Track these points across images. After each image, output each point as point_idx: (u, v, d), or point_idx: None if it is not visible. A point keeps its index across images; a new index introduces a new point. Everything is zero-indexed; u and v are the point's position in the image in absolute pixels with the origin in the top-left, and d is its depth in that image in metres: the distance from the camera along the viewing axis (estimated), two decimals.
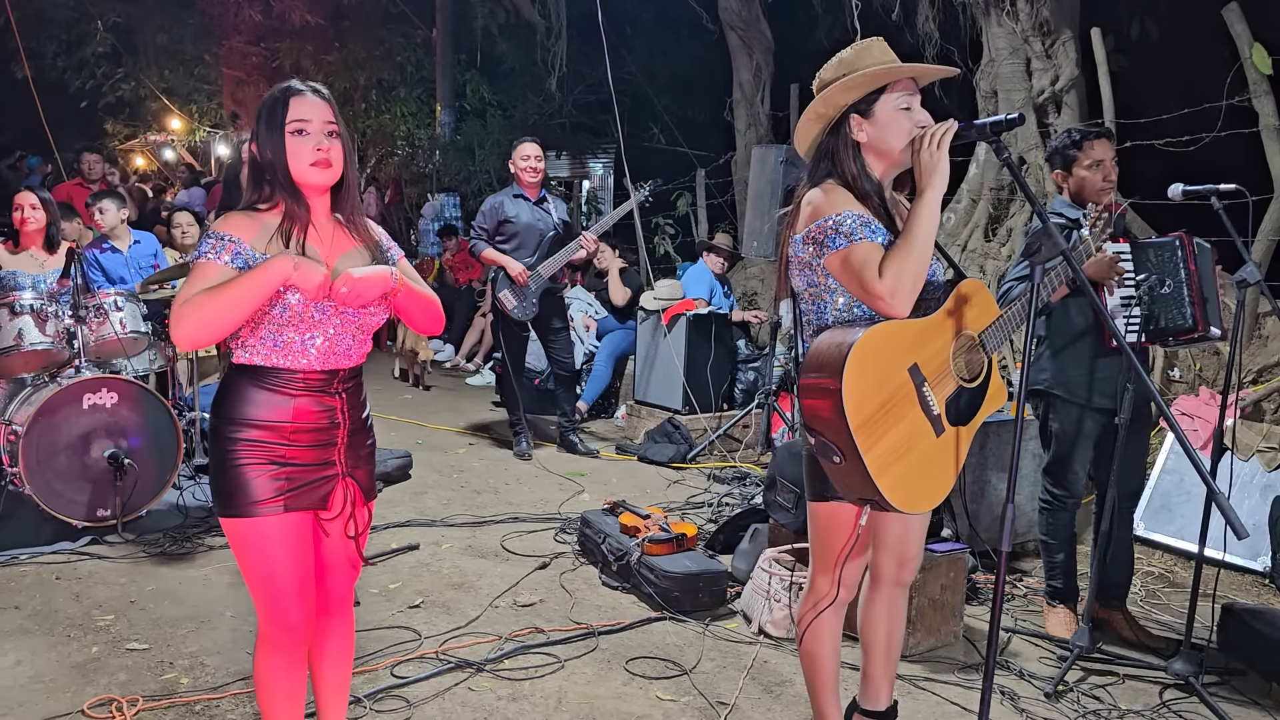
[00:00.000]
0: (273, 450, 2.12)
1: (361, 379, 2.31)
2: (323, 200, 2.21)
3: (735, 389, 6.88)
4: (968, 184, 7.34)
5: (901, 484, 2.14)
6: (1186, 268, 3.20)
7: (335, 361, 2.18)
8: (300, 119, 2.12)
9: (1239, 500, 4.55)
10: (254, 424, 2.11)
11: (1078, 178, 3.46)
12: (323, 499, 2.21)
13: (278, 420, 2.12)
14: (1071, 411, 3.48)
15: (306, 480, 2.16)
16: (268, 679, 2.24)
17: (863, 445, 2.08)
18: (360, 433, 2.28)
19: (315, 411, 2.16)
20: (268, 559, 2.15)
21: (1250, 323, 5.41)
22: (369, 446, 2.33)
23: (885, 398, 2.14)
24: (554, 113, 12.80)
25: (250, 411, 2.11)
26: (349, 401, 2.23)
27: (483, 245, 5.98)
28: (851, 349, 2.09)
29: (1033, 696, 3.16)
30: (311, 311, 2.11)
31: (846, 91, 2.28)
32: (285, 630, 2.19)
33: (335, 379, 2.19)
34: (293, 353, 2.13)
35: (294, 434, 2.14)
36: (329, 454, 2.20)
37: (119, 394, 4.35)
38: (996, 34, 7.03)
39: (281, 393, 2.13)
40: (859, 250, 2.17)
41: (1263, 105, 5.49)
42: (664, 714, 2.97)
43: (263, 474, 2.11)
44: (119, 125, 15.96)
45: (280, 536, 2.14)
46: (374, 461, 2.36)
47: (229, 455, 2.11)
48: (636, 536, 3.95)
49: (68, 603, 3.63)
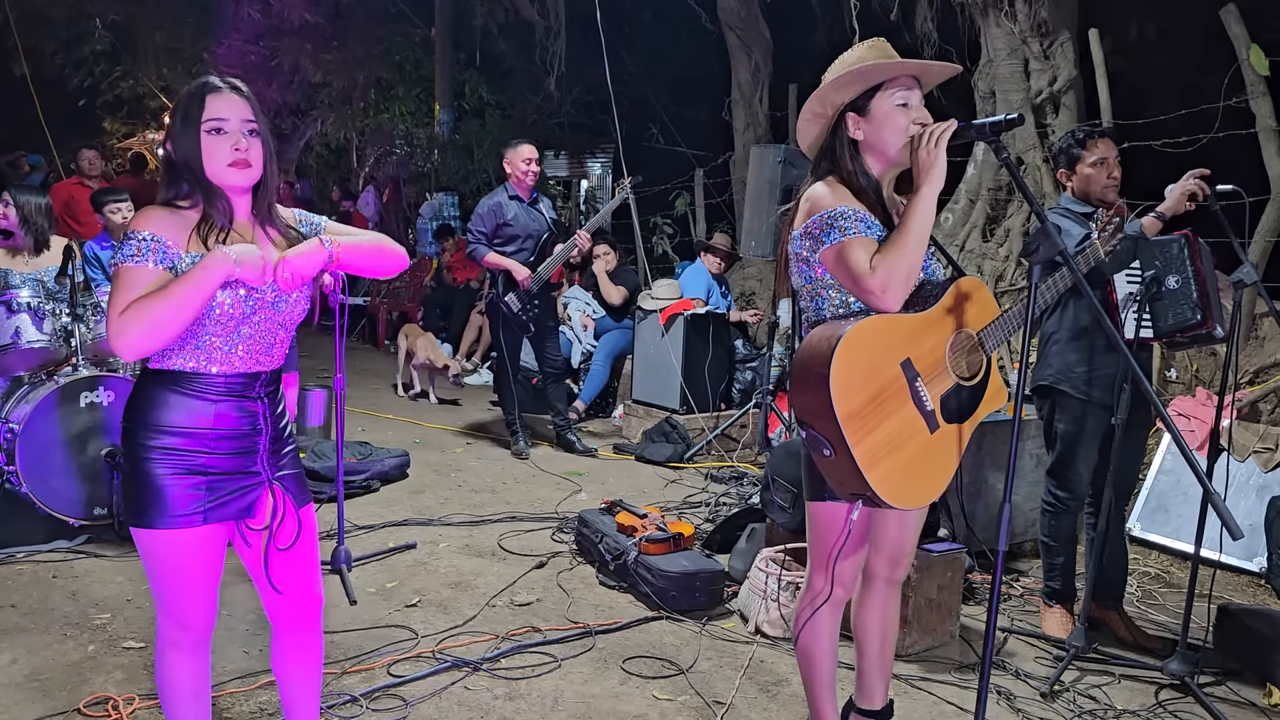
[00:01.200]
0: (192, 458, 2.04)
1: (279, 385, 2.24)
2: (244, 200, 2.13)
3: (733, 389, 6.89)
4: (966, 184, 7.34)
5: (893, 478, 2.14)
6: (1193, 264, 3.21)
7: (257, 363, 2.11)
8: (217, 117, 2.05)
9: (1235, 501, 4.55)
10: (173, 431, 2.03)
11: (1082, 176, 3.48)
12: (247, 508, 2.14)
13: (198, 427, 2.05)
14: (1076, 409, 3.48)
15: (228, 489, 2.09)
16: (172, 679, 2.18)
17: (851, 438, 2.09)
18: (282, 439, 2.21)
19: (237, 417, 2.09)
20: (179, 570, 2.08)
21: (1247, 324, 5.42)
22: (291, 453, 2.25)
23: (875, 391, 2.14)
24: (553, 112, 12.80)
25: (169, 417, 2.03)
26: (269, 407, 2.16)
27: (483, 249, 5.93)
28: (840, 341, 2.10)
29: (1029, 696, 3.16)
30: (237, 310, 2.04)
31: (841, 90, 2.29)
32: (186, 629, 2.14)
33: (256, 382, 2.12)
34: (215, 355, 2.06)
35: (215, 441, 2.06)
36: (250, 462, 2.12)
37: (116, 392, 4.35)
38: (995, 34, 7.04)
39: (202, 398, 2.05)
40: (852, 245, 2.18)
41: (1260, 106, 5.49)
42: (660, 713, 2.97)
43: (181, 484, 2.03)
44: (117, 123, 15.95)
45: (195, 548, 2.07)
46: (300, 467, 2.27)
47: (145, 464, 2.02)
48: (634, 536, 3.95)
49: (64, 601, 3.63)
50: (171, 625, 2.14)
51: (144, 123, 15.80)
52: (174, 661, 2.18)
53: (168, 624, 2.15)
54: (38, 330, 4.41)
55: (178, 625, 2.14)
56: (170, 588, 2.10)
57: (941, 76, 2.39)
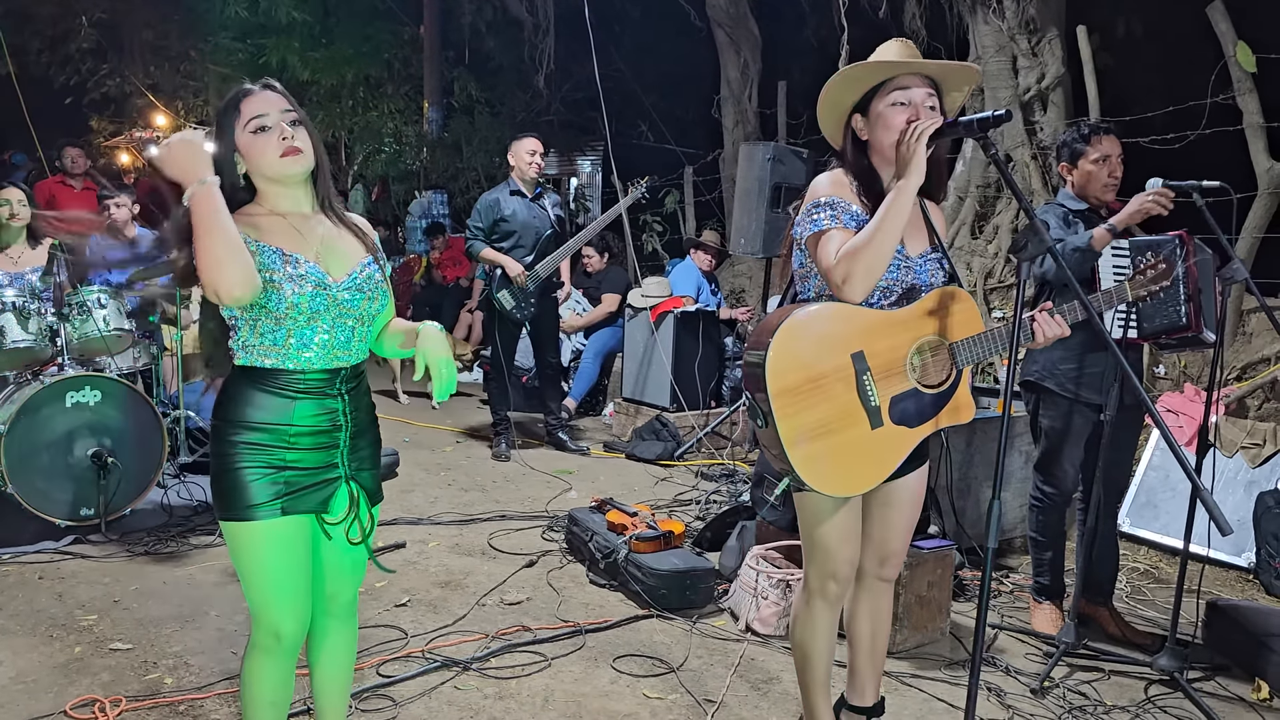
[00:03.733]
0: (272, 453, 2.08)
1: (364, 379, 2.27)
2: (306, 192, 2.17)
3: (723, 386, 6.88)
4: (955, 181, 7.34)
5: (815, 461, 2.17)
6: (1185, 266, 3.20)
7: (335, 359, 2.13)
8: (256, 115, 2.06)
9: (1224, 496, 4.57)
10: (254, 427, 2.07)
11: (1083, 171, 3.47)
12: (324, 502, 2.16)
13: (278, 423, 2.08)
14: (1062, 406, 3.49)
15: (307, 484, 2.12)
16: (254, 685, 2.19)
17: (779, 412, 2.14)
18: (363, 434, 2.23)
19: (316, 414, 2.12)
20: (263, 563, 2.10)
21: (1234, 320, 5.43)
22: (373, 448, 2.28)
23: (817, 374, 2.18)
24: (542, 110, 12.76)
25: (250, 414, 2.07)
26: (351, 403, 2.18)
27: (480, 245, 5.89)
28: (789, 317, 2.16)
29: (1019, 693, 3.17)
30: (306, 304, 2.06)
31: (844, 90, 2.34)
32: (276, 637, 2.14)
33: (336, 379, 2.15)
34: (290, 351, 2.09)
35: (295, 437, 2.10)
36: (331, 457, 2.15)
37: (103, 392, 4.32)
38: (983, 32, 7.04)
39: (282, 395, 2.09)
40: (830, 234, 2.22)
41: (1247, 103, 5.51)
42: (651, 712, 2.97)
43: (260, 477, 2.06)
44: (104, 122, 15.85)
45: (276, 541, 2.09)
46: (379, 464, 2.31)
47: (228, 458, 2.07)
48: (624, 534, 3.94)
49: (50, 602, 3.60)
50: (263, 632, 2.14)
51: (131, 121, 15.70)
52: (258, 668, 2.17)
53: (256, 626, 2.15)
54: (23, 330, 4.38)
55: (263, 628, 2.14)
56: (255, 583, 2.11)
57: (963, 79, 2.35)
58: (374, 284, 2.19)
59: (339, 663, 2.37)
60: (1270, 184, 5.40)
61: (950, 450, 4.24)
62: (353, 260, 2.18)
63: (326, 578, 2.26)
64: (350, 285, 2.14)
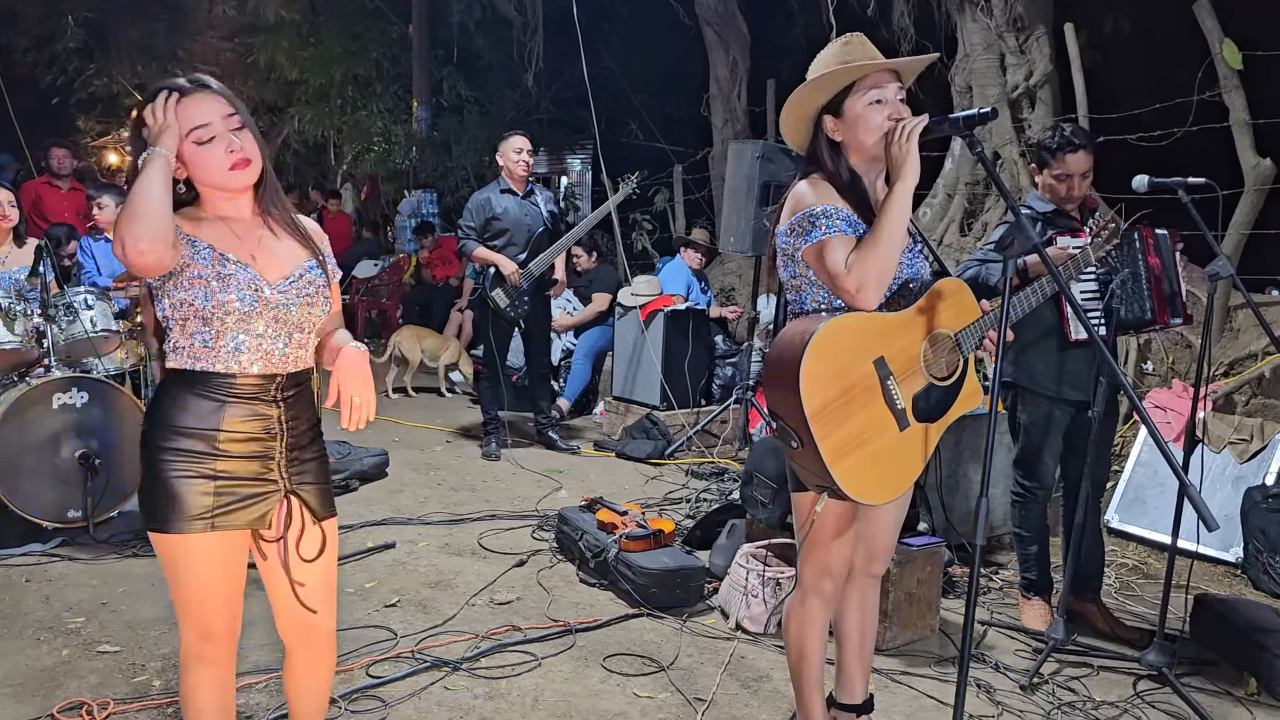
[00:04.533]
0: (202, 462, 1.98)
1: (308, 387, 2.16)
2: (245, 201, 2.09)
3: (713, 384, 6.89)
4: (943, 179, 7.37)
5: (856, 473, 2.16)
6: (1146, 261, 3.23)
7: (269, 365, 2.04)
8: (199, 125, 1.95)
9: (1211, 492, 4.59)
10: (182, 432, 1.98)
11: (1044, 183, 3.50)
12: (261, 518, 2.06)
13: (205, 428, 1.98)
14: (1040, 404, 3.51)
15: (240, 496, 2.02)
16: (195, 695, 2.10)
17: (818, 432, 2.11)
18: (304, 447, 2.12)
19: (247, 419, 2.02)
20: (193, 576, 2.02)
21: (1221, 316, 5.45)
22: (318, 462, 2.16)
23: (845, 387, 2.16)
24: (531, 109, 12.75)
25: (179, 418, 1.98)
26: (289, 412, 2.08)
27: (473, 244, 5.86)
28: (813, 336, 2.11)
29: (1008, 689, 3.17)
30: (235, 303, 1.97)
31: (814, 94, 2.29)
32: (210, 641, 2.07)
33: (272, 385, 2.05)
34: (222, 355, 2.00)
35: (224, 443, 1.99)
36: (266, 467, 2.05)
37: (90, 394, 4.30)
38: (971, 29, 7.06)
39: (211, 399, 1.99)
40: (832, 243, 2.19)
41: (1233, 100, 5.53)
42: (641, 711, 2.97)
43: (190, 488, 1.97)
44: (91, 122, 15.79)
45: (207, 555, 2.01)
46: (325, 478, 2.18)
47: (156, 465, 1.98)
48: (614, 533, 3.94)
49: (37, 605, 3.59)
50: (193, 636, 2.07)
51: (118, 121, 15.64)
52: (197, 674, 2.10)
53: (190, 635, 2.08)
54: (8, 331, 4.35)
55: (199, 635, 2.06)
56: (186, 594, 2.04)
57: (920, 68, 2.39)
58: (314, 289, 2.10)
59: (314, 692, 2.29)
60: (1256, 180, 5.43)
61: (940, 447, 4.24)
62: (291, 264, 2.09)
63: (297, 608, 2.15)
64: (285, 289, 2.05)
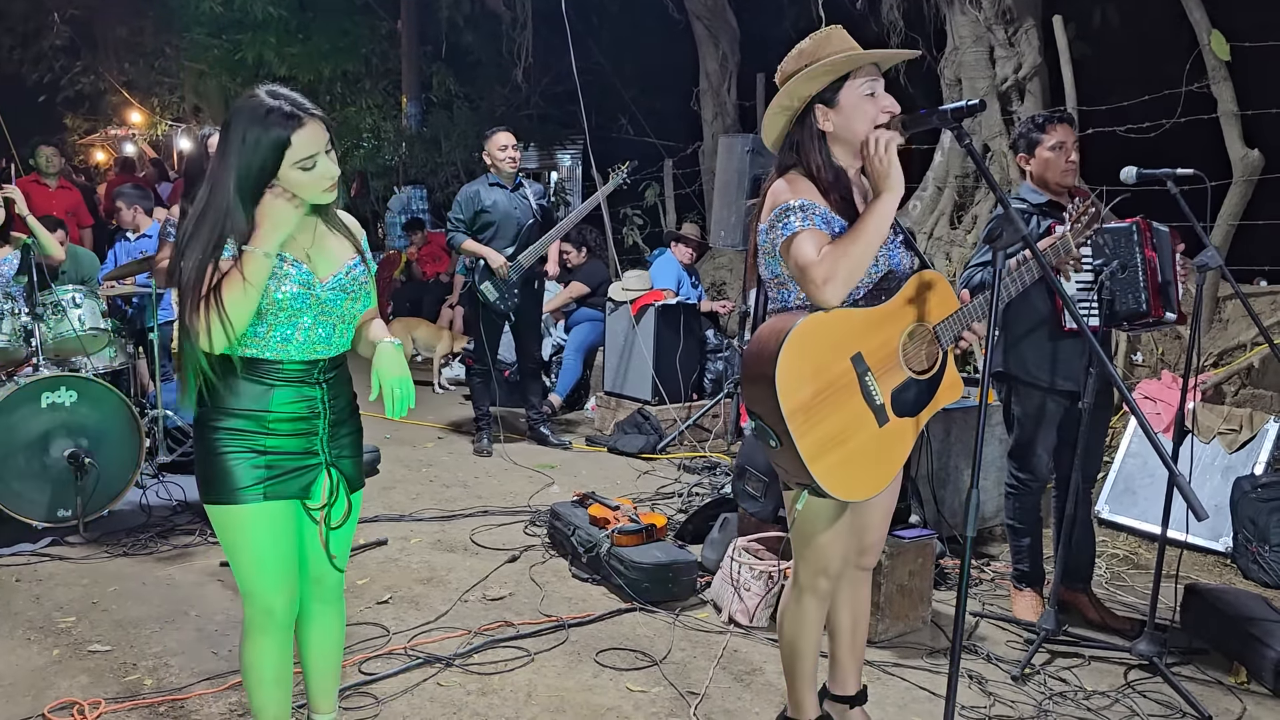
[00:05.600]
0: (252, 439, 2.15)
1: (345, 368, 2.32)
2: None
3: (704, 379, 6.89)
4: (933, 172, 7.38)
5: (836, 471, 2.16)
6: (1143, 253, 3.23)
7: (313, 352, 2.19)
8: (309, 155, 2.06)
9: (1201, 482, 4.61)
10: (233, 413, 2.14)
11: (1041, 159, 3.50)
12: (305, 488, 2.23)
13: (256, 409, 2.15)
14: (1033, 395, 3.51)
15: (288, 468, 2.19)
16: (256, 666, 2.27)
17: (796, 431, 2.10)
18: (343, 423, 2.30)
19: (294, 401, 2.18)
20: (249, 545, 2.18)
21: (1210, 307, 5.48)
22: (354, 436, 2.35)
23: (823, 385, 2.15)
24: (521, 104, 12.72)
25: (230, 401, 2.14)
26: (330, 392, 2.25)
27: (461, 237, 5.88)
28: (788, 335, 2.11)
29: (1000, 680, 3.19)
30: (289, 302, 2.12)
31: (810, 82, 2.27)
32: (268, 614, 2.23)
33: (315, 368, 2.21)
34: (271, 344, 2.14)
35: (273, 423, 2.16)
36: (310, 443, 2.22)
37: (79, 392, 4.28)
38: (960, 22, 7.06)
39: (260, 382, 2.15)
40: (804, 236, 2.19)
41: (1221, 91, 5.55)
42: (634, 705, 2.97)
43: (242, 462, 2.14)
44: (79, 119, 15.71)
45: (261, 523, 2.17)
46: (360, 452, 2.37)
47: (210, 443, 2.15)
48: (606, 528, 3.94)
49: (28, 605, 3.57)
50: (255, 610, 2.23)
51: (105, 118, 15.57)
52: (260, 646, 2.26)
53: (249, 605, 2.24)
54: None
55: (262, 610, 2.23)
56: (243, 564, 2.20)
57: (898, 60, 2.39)
58: (358, 285, 2.24)
59: (329, 644, 2.45)
60: (1245, 171, 5.45)
61: (930, 439, 4.26)
62: (340, 261, 2.22)
63: (310, 562, 2.34)
64: (335, 286, 2.19)
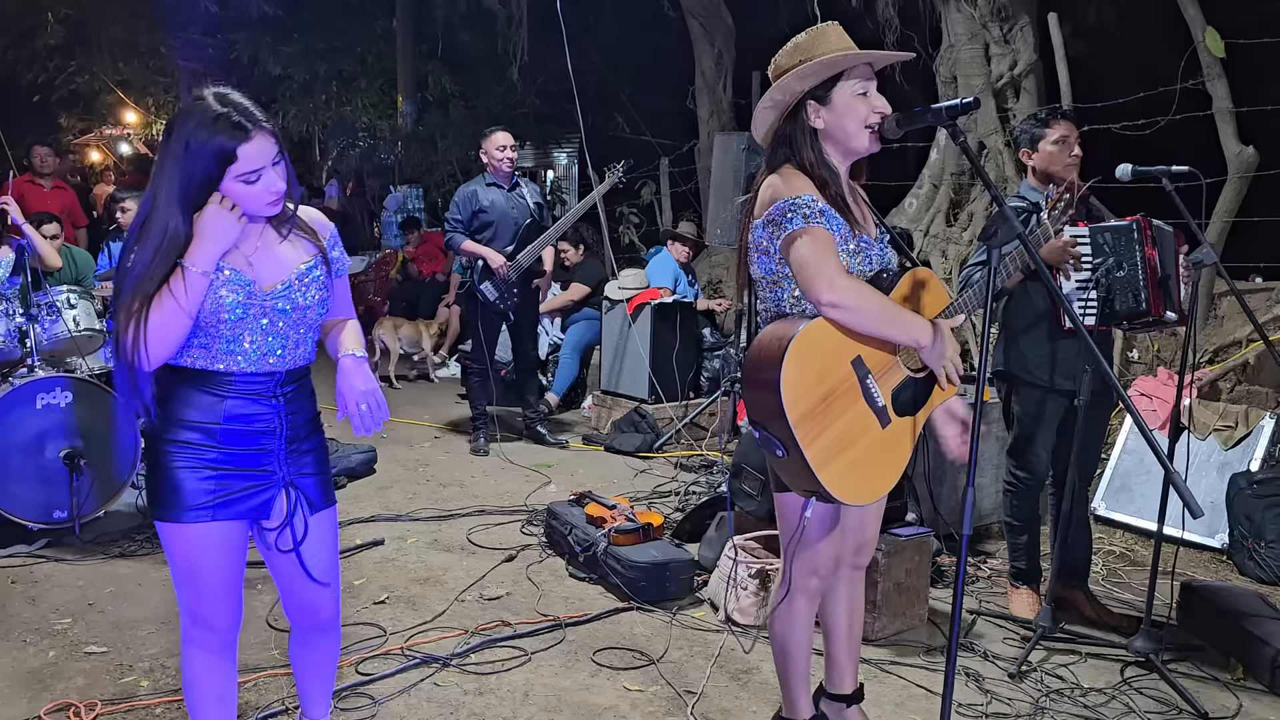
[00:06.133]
0: (203, 453, 2.05)
1: (308, 381, 2.22)
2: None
3: (701, 377, 6.89)
4: (929, 169, 7.38)
5: (844, 477, 2.15)
6: (1143, 251, 3.22)
7: (266, 364, 2.09)
8: (252, 170, 1.97)
9: (1197, 478, 4.61)
10: (184, 424, 2.05)
11: (1044, 154, 3.50)
12: (261, 506, 2.12)
13: (206, 422, 2.05)
14: (1033, 394, 3.51)
15: (240, 487, 2.08)
16: (197, 679, 2.19)
17: (803, 439, 2.09)
18: (303, 440, 2.18)
19: (248, 414, 2.08)
20: (194, 565, 2.09)
21: (1206, 303, 5.48)
22: (316, 454, 2.22)
23: (827, 391, 2.14)
24: (517, 102, 12.70)
25: (181, 412, 2.05)
26: (288, 407, 2.13)
27: (460, 237, 5.88)
28: (791, 342, 2.09)
29: (997, 677, 3.19)
30: (228, 312, 2.01)
31: (803, 79, 2.27)
32: (209, 632, 2.15)
33: (272, 381, 2.10)
34: (219, 356, 2.05)
35: (225, 436, 2.06)
36: (264, 460, 2.11)
37: (74, 393, 4.27)
38: (955, 20, 7.06)
39: (211, 394, 2.05)
40: (814, 235, 2.17)
41: (1216, 88, 5.55)
42: (631, 704, 2.97)
43: (193, 478, 2.04)
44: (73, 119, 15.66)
45: (208, 544, 2.08)
46: (325, 469, 2.24)
47: (159, 456, 2.06)
48: (603, 527, 3.94)
49: (23, 607, 3.56)
50: (193, 624, 2.15)
51: (100, 118, 15.52)
52: (199, 661, 2.18)
53: (190, 623, 2.16)
54: None
55: (200, 624, 2.15)
56: (187, 583, 2.11)
57: (893, 60, 2.39)
58: (311, 291, 2.12)
59: (323, 665, 2.38)
60: (1240, 168, 5.45)
61: (927, 438, 4.25)
62: (288, 267, 2.11)
63: (298, 589, 2.23)
64: (282, 294, 2.08)
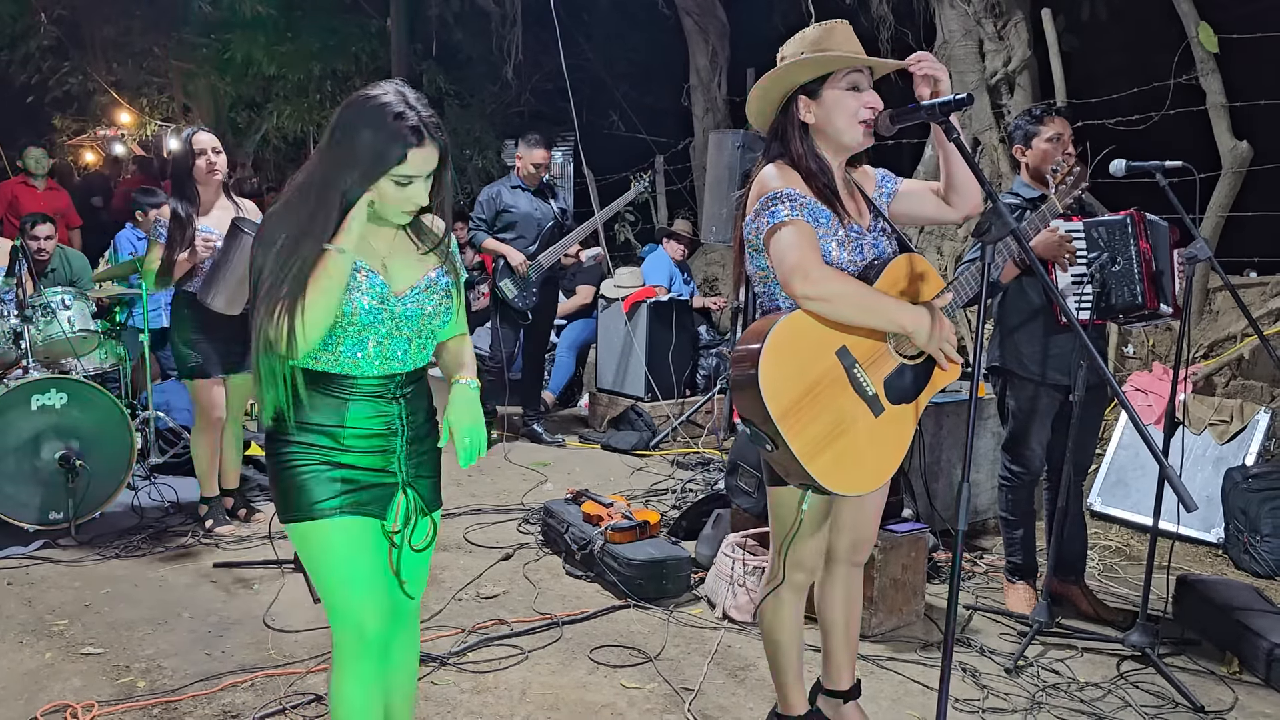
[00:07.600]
0: (326, 454, 2.03)
1: (424, 381, 2.20)
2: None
3: (697, 375, 6.89)
4: (923, 165, 7.38)
5: (835, 468, 2.15)
6: (1137, 245, 3.23)
7: (389, 366, 2.07)
8: (411, 174, 1.96)
9: (1192, 473, 4.62)
10: (307, 428, 2.03)
11: (1038, 150, 3.51)
12: (382, 507, 2.10)
13: (330, 425, 2.03)
14: (1027, 388, 3.52)
15: (364, 485, 2.06)
16: (347, 696, 2.07)
17: (788, 433, 2.10)
18: (421, 440, 2.16)
19: (370, 417, 2.06)
20: (335, 560, 2.04)
21: (1200, 298, 5.49)
22: (432, 454, 2.20)
23: (810, 384, 2.15)
24: (511, 101, 12.69)
25: (303, 415, 2.03)
26: (409, 408, 2.12)
27: (483, 235, 6.03)
28: (767, 338, 2.10)
29: (993, 672, 3.19)
30: (359, 317, 2.00)
31: (800, 71, 2.28)
32: (359, 634, 2.05)
33: (392, 383, 2.08)
34: (341, 359, 2.03)
35: (348, 439, 2.04)
36: (387, 461, 2.09)
37: (69, 394, 4.26)
38: (949, 16, 7.06)
39: (335, 397, 2.03)
40: (791, 228, 2.18)
41: (1210, 83, 5.56)
42: (629, 702, 2.97)
43: (318, 476, 2.02)
44: (67, 120, 15.63)
45: (345, 537, 2.04)
46: (438, 471, 2.23)
47: (282, 459, 2.03)
48: (599, 525, 3.94)
49: (20, 608, 3.56)
50: (345, 632, 2.06)
51: (94, 119, 15.49)
52: (353, 673, 2.07)
53: (339, 629, 2.06)
54: None
55: (353, 630, 2.05)
56: (333, 583, 2.04)
57: (888, 69, 2.38)
58: (437, 298, 2.12)
59: (405, 670, 2.29)
60: (1234, 163, 5.46)
61: (922, 433, 4.26)
62: (418, 273, 2.10)
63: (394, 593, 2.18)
64: (412, 299, 2.07)
